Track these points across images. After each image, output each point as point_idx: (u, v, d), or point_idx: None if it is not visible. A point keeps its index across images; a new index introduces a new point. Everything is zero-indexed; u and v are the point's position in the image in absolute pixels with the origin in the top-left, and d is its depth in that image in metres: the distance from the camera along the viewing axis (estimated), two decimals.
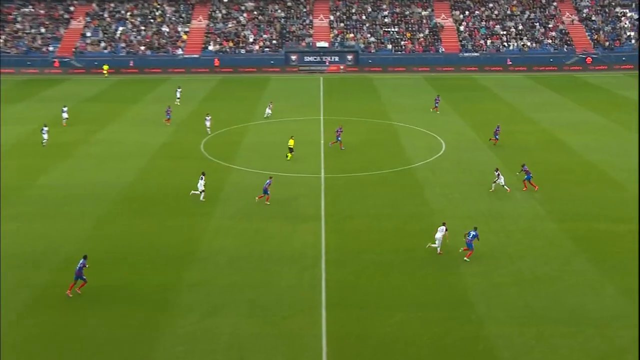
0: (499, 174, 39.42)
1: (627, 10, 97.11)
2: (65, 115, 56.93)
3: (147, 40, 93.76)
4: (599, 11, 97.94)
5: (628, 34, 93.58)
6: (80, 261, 27.40)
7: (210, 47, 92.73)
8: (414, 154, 47.27)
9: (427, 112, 62.62)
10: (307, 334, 24.69)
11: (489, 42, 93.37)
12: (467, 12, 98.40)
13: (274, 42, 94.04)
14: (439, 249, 31.17)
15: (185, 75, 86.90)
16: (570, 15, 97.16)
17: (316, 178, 42.63)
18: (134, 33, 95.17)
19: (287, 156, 46.19)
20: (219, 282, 28.67)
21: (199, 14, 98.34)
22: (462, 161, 46.04)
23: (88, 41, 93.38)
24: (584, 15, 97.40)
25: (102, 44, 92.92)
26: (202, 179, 38.45)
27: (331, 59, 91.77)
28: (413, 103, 67.71)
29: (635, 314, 25.76)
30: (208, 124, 53.86)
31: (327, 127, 56.74)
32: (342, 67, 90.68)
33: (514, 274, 29.26)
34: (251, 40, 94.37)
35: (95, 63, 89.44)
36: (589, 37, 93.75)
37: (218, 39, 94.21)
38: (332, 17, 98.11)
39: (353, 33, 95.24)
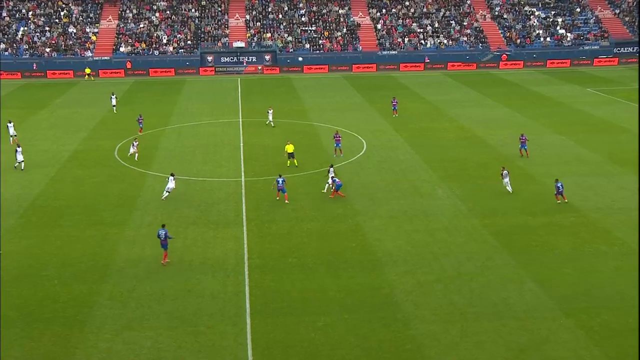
0: (506, 173, 39.09)
1: (535, 9, 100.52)
2: None
3: (53, 41, 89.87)
4: (509, 9, 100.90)
5: (537, 32, 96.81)
6: (162, 231, 29.59)
7: (122, 49, 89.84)
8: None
9: (347, 111, 62.60)
10: (232, 344, 23.98)
11: (406, 40, 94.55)
12: (384, 10, 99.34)
13: (189, 42, 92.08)
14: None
15: (97, 79, 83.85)
16: (483, 13, 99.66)
17: (236, 182, 41.71)
18: (37, 34, 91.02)
19: (287, 163, 43.94)
20: (137, 294, 27.46)
21: (108, 14, 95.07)
22: (384, 160, 46.11)
23: None
24: (497, 13, 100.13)
25: (2, 45, 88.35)
26: (172, 179, 37.81)
27: (248, 59, 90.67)
28: (333, 103, 67.63)
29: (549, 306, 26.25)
30: (132, 149, 46.61)
31: (245, 129, 55.82)
32: (260, 67, 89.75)
33: (438, 271, 29.35)
34: (165, 41, 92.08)
35: None
36: (502, 35, 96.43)
37: (130, 40, 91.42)
38: (248, 17, 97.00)
39: (270, 32, 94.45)
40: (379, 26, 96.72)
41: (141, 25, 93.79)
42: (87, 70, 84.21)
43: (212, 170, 43.47)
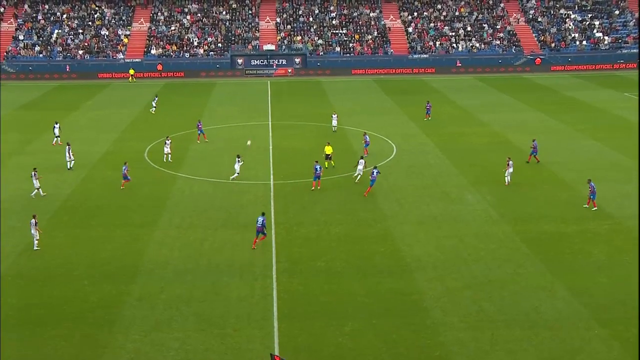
0: (510, 164, 40.34)
1: (571, 12, 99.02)
2: None
3: (86, 44, 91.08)
4: (544, 12, 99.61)
5: (572, 35, 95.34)
6: (260, 219, 31.38)
7: (153, 51, 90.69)
8: (365, 158, 46.64)
9: (377, 115, 62.28)
10: (259, 347, 23.82)
11: (437, 43, 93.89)
12: (415, 14, 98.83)
13: (219, 45, 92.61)
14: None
15: (127, 81, 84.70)
16: (517, 17, 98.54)
17: (265, 185, 41.67)
18: (71, 36, 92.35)
19: (325, 165, 43.94)
20: (165, 295, 27.47)
21: (140, 17, 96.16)
22: (414, 165, 45.71)
23: (21, 45, 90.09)
24: (531, 16, 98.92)
25: (37, 48, 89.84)
26: (238, 161, 40.89)
27: (278, 62, 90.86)
28: (363, 106, 67.33)
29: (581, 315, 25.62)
30: (167, 149, 46.53)
31: (275, 132, 55.83)
32: (289, 70, 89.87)
33: (468, 278, 28.89)
34: (195, 43, 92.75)
35: (30, 68, 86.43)
36: (535, 38, 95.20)
37: (161, 43, 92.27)
38: (278, 20, 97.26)
39: (300, 35, 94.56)
40: (410, 29, 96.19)
41: (172, 28, 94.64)
42: (131, 71, 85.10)
43: (241, 173, 43.44)
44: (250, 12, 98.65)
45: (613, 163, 45.67)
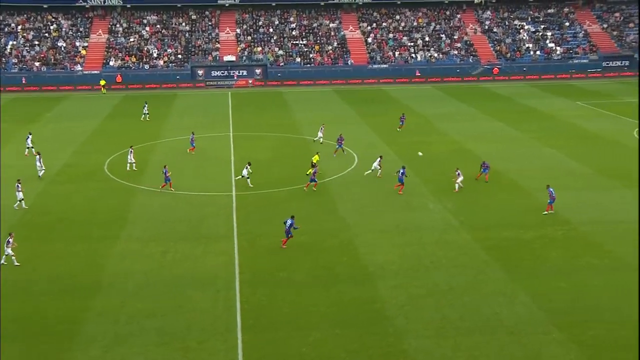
0: (459, 173, 41.10)
1: (525, 23, 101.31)
2: None
3: (42, 56, 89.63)
4: (499, 23, 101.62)
5: (527, 45, 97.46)
6: (289, 221, 32.53)
7: (112, 63, 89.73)
8: (327, 168, 46.90)
9: (338, 125, 62.52)
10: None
11: (397, 53, 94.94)
12: (374, 24, 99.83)
13: (179, 56, 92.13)
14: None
15: (86, 93, 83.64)
16: (473, 27, 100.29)
17: (227, 196, 41.52)
18: (26, 48, 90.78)
19: (308, 172, 44.32)
20: (126, 310, 27.17)
21: (98, 28, 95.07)
22: (375, 174, 45.98)
23: None
24: (486, 27, 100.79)
25: None
26: (247, 168, 42.41)
27: (239, 73, 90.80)
28: (324, 116, 67.53)
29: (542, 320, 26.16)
30: (131, 158, 46.90)
31: (237, 143, 55.73)
32: (250, 81, 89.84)
33: (430, 285, 29.22)
34: (155, 55, 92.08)
35: None
36: (492, 49, 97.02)
37: (120, 54, 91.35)
38: (238, 31, 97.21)
39: (261, 46, 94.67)
40: (369, 40, 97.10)
41: (131, 39, 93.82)
42: (102, 82, 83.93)
43: (202, 185, 43.29)
44: (210, 23, 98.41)
45: (568, 170, 46.74)
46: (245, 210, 38.93)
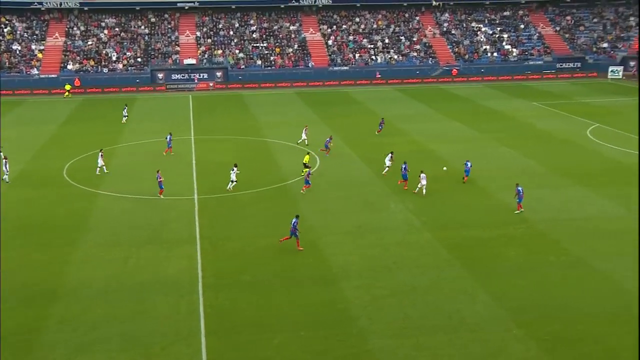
0: (423, 177, 41.28)
1: (482, 26, 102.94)
2: None
3: None
4: (457, 25, 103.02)
5: (484, 47, 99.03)
6: (294, 220, 32.68)
7: (70, 67, 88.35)
8: (289, 171, 47.02)
9: (299, 127, 62.63)
10: None
11: (357, 55, 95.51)
12: (334, 27, 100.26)
13: (139, 59, 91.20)
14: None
15: (44, 97, 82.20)
16: (432, 29, 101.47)
17: (189, 200, 41.31)
18: None
19: (302, 172, 45.19)
20: (88, 317, 26.85)
21: (54, 31, 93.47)
22: (338, 175, 46.34)
23: None
24: (445, 29, 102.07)
25: None
26: (233, 170, 42.05)
27: (200, 76, 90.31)
28: (285, 119, 67.73)
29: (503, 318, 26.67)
30: (101, 161, 46.93)
31: (198, 146, 55.44)
32: (211, 84, 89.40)
33: (393, 285, 29.53)
34: (114, 58, 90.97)
35: None
36: (450, 50, 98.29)
37: (78, 58, 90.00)
38: (198, 33, 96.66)
39: (221, 49, 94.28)
40: (330, 42, 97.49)
41: (89, 43, 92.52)
42: (68, 87, 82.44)
43: (164, 189, 42.94)
44: (169, 26, 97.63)
45: (525, 169, 47.67)
46: (208, 213, 38.80)
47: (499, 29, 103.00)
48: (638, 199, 39.97)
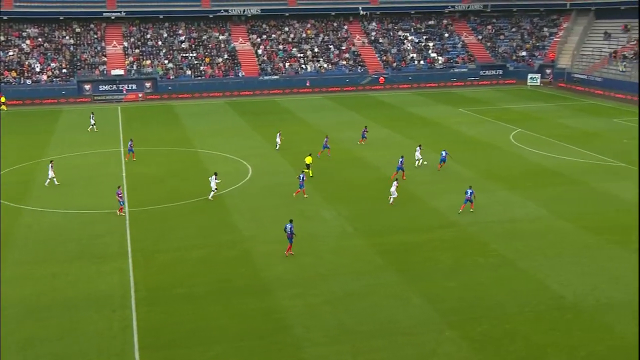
0: (395, 184, 42.02)
1: (408, 34, 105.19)
2: None
3: None
4: (384, 34, 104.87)
5: (411, 55, 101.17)
6: (288, 225, 33.33)
7: None
8: (221, 181, 46.76)
9: (231, 137, 62.57)
10: None
11: (287, 64, 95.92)
12: (264, 36, 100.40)
13: (64, 71, 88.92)
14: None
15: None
16: (360, 38, 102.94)
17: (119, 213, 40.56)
18: None
19: (310, 174, 47.27)
20: (17, 336, 26.03)
21: None
22: (270, 185, 46.42)
23: None
24: (373, 38, 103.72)
25: None
26: (214, 178, 42.09)
27: (128, 87, 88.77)
28: (216, 129, 67.37)
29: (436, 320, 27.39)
30: (51, 173, 46.24)
31: (128, 158, 54.46)
32: (140, 95, 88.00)
33: (327, 293, 29.81)
34: (38, 69, 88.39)
35: None
36: (378, 59, 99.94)
37: None
38: (126, 44, 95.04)
39: (150, 59, 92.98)
40: (259, 51, 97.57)
41: (10, 53, 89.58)
42: (3, 99, 79.23)
43: (93, 202, 42.05)
44: (95, 36, 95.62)
45: (454, 174, 48.96)
46: (140, 226, 38.21)
47: (424, 37, 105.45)
48: (638, 198, 42.02)
